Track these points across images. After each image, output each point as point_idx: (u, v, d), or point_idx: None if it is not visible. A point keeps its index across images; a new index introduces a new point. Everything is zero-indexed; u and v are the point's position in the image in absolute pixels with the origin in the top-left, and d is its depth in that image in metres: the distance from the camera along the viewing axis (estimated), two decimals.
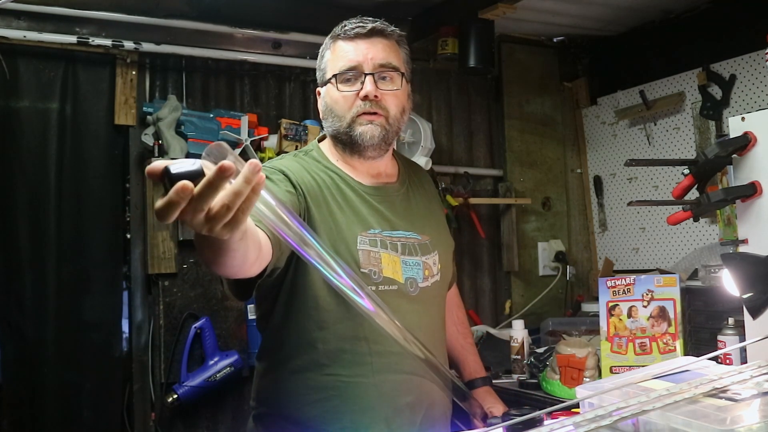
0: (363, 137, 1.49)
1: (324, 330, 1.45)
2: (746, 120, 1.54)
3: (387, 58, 1.50)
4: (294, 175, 1.47)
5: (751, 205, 1.52)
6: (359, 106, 1.49)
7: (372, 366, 1.45)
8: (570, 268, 3.40)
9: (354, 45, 1.50)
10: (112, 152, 2.62)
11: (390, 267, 1.48)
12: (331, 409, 1.44)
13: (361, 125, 1.49)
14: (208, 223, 0.82)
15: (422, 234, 1.56)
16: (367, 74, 1.48)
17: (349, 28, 1.50)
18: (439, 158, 3.16)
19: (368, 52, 1.49)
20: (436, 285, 1.57)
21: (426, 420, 1.50)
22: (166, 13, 2.65)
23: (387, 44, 1.52)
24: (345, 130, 1.50)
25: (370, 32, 1.50)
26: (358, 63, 1.49)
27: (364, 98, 1.48)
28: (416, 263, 1.52)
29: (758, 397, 1.03)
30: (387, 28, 1.53)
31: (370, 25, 1.50)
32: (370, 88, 1.47)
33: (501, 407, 1.74)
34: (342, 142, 1.53)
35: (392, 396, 1.46)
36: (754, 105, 2.72)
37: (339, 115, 1.51)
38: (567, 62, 3.57)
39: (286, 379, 1.49)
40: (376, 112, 1.49)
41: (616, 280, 2.16)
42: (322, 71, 1.56)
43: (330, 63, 1.53)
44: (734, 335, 1.89)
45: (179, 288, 2.62)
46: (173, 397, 2.52)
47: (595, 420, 0.96)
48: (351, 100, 1.49)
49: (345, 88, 1.49)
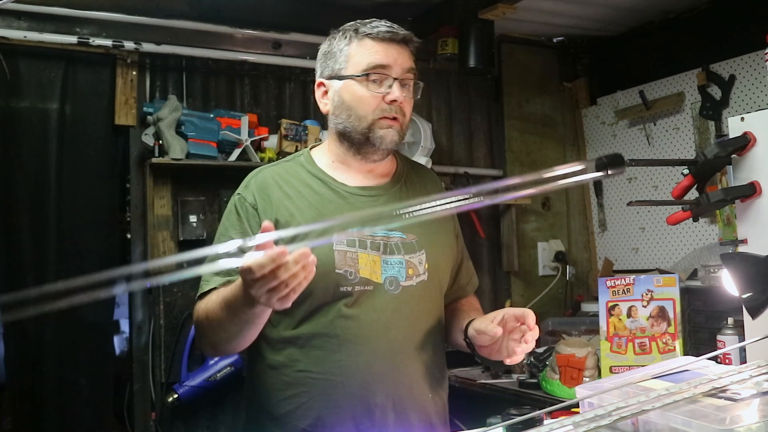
0: (383, 141, 1.50)
1: (298, 327, 1.47)
2: (745, 120, 1.54)
3: (411, 66, 1.53)
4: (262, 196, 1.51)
5: (751, 205, 1.53)
6: (384, 109, 1.49)
7: (340, 364, 1.45)
8: (570, 268, 3.41)
9: (385, 47, 1.50)
10: (113, 152, 2.62)
11: (368, 267, 1.48)
12: (302, 405, 1.46)
13: (382, 128, 1.49)
14: (270, 293, 1.16)
15: (408, 233, 1.55)
16: (396, 78, 1.49)
17: (382, 30, 1.50)
18: (439, 158, 3.16)
19: (398, 57, 1.50)
20: (423, 285, 1.54)
21: (401, 422, 1.48)
22: (167, 14, 2.65)
23: (410, 52, 1.55)
24: (363, 130, 1.50)
25: (402, 39, 1.52)
26: (388, 65, 1.49)
27: (391, 102, 1.49)
28: (398, 262, 1.51)
29: (757, 397, 1.04)
30: (413, 38, 1.56)
31: (402, 32, 1.52)
32: (398, 94, 1.48)
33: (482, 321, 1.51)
34: (352, 140, 1.53)
35: (361, 395, 1.46)
36: (754, 105, 2.72)
37: (360, 115, 1.50)
38: (567, 62, 3.57)
39: (265, 375, 1.52)
40: (396, 117, 1.50)
41: (616, 280, 2.17)
42: (339, 65, 1.53)
43: (354, 59, 1.51)
44: (733, 335, 1.90)
45: (179, 288, 2.62)
46: (173, 396, 2.52)
47: (595, 420, 0.96)
48: (376, 102, 1.49)
49: (373, 89, 1.49)
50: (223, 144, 2.65)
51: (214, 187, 2.73)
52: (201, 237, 2.66)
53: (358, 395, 1.45)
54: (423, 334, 1.54)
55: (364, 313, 1.46)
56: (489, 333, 1.41)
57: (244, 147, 2.67)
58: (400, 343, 1.49)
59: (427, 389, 1.55)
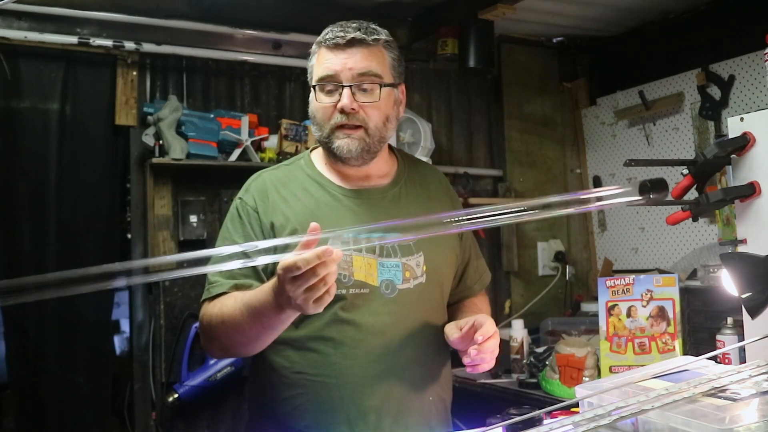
0: (341, 150, 1.48)
1: (296, 329, 1.47)
2: (745, 120, 1.54)
3: (367, 67, 1.47)
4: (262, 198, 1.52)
5: (750, 205, 1.53)
6: (337, 118, 1.47)
7: (335, 367, 1.46)
8: (569, 268, 3.41)
9: (333, 54, 1.47)
10: (113, 152, 2.63)
11: (363, 270, 1.47)
12: (299, 407, 1.47)
13: (339, 138, 1.48)
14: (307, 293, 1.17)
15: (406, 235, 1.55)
16: (345, 86, 1.45)
17: (330, 36, 1.47)
18: (438, 158, 3.16)
19: (347, 62, 1.46)
20: (421, 287, 1.53)
21: (397, 426, 1.48)
22: (167, 14, 2.65)
23: (368, 52, 1.48)
24: (325, 140, 1.51)
25: (350, 42, 1.46)
26: (335, 73, 1.46)
27: (341, 111, 1.46)
28: (395, 265, 1.50)
29: (757, 397, 1.04)
30: (368, 37, 1.48)
31: (350, 34, 1.46)
32: (346, 102, 1.45)
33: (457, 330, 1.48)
34: (325, 149, 1.55)
35: (356, 398, 1.46)
36: (753, 105, 2.73)
37: (319, 125, 1.51)
38: (566, 63, 3.57)
39: (266, 375, 1.53)
40: (355, 125, 1.47)
41: (616, 280, 2.17)
42: (309, 76, 1.55)
43: (314, 69, 1.52)
44: (733, 335, 1.90)
45: (180, 288, 2.63)
46: (174, 396, 2.52)
47: (595, 419, 0.97)
48: (330, 111, 1.48)
49: (324, 99, 1.48)
50: (223, 144, 2.65)
51: (215, 188, 2.73)
52: (201, 237, 2.66)
53: (352, 398, 1.46)
54: (422, 337, 1.53)
55: (359, 316, 1.46)
56: (449, 339, 1.45)
57: (245, 147, 2.68)
58: (397, 347, 1.49)
59: (427, 392, 1.54)
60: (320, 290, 1.18)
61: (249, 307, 1.34)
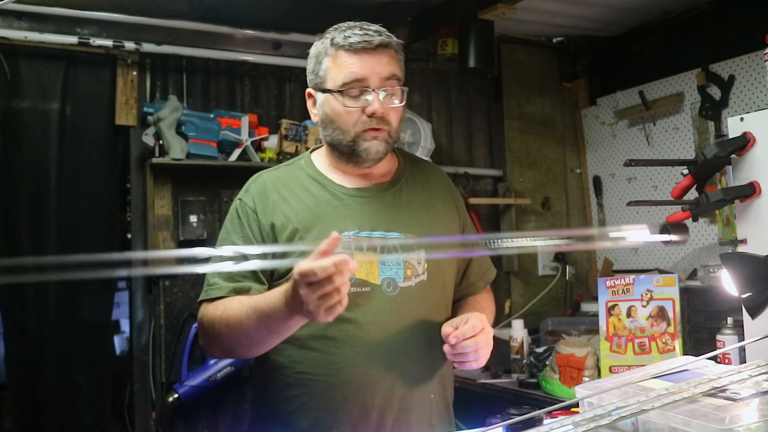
0: (368, 152, 1.48)
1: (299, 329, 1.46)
2: (745, 120, 1.54)
3: (393, 71, 1.48)
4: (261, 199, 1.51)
5: (750, 205, 1.53)
6: (365, 122, 1.46)
7: (337, 366, 1.46)
8: (569, 268, 3.41)
9: (359, 58, 1.46)
10: (113, 152, 2.63)
11: (364, 268, 1.47)
12: (301, 406, 1.47)
13: (366, 141, 1.47)
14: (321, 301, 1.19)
15: (407, 233, 1.54)
16: (374, 90, 1.45)
17: (354, 41, 1.45)
18: (438, 158, 3.16)
19: (374, 66, 1.46)
20: (422, 285, 1.53)
21: (399, 424, 1.48)
22: (167, 14, 2.65)
23: (391, 56, 1.49)
24: (348, 143, 1.49)
25: (378, 46, 1.46)
26: (364, 77, 1.45)
27: (371, 115, 1.46)
28: (396, 263, 1.51)
29: (757, 397, 1.04)
30: (391, 40, 1.49)
31: (376, 38, 1.46)
32: (377, 106, 1.45)
33: None
34: (342, 152, 1.53)
35: (358, 397, 1.46)
36: (753, 105, 2.73)
37: (342, 129, 1.49)
38: (566, 63, 3.57)
39: (269, 375, 1.53)
40: (380, 128, 1.47)
41: (616, 280, 2.17)
42: (320, 78, 1.52)
43: (331, 73, 1.49)
44: (733, 335, 1.90)
45: (180, 288, 2.63)
46: (174, 396, 2.52)
47: (595, 419, 0.97)
48: (356, 116, 1.47)
49: (350, 104, 1.47)
50: (223, 144, 2.65)
51: (215, 187, 2.73)
52: (201, 237, 2.66)
53: (355, 397, 1.46)
54: (423, 335, 1.53)
55: (361, 315, 1.46)
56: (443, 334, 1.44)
57: (245, 147, 2.68)
58: (399, 345, 1.49)
59: (429, 390, 1.54)
60: (334, 299, 1.19)
61: (256, 311, 1.34)
